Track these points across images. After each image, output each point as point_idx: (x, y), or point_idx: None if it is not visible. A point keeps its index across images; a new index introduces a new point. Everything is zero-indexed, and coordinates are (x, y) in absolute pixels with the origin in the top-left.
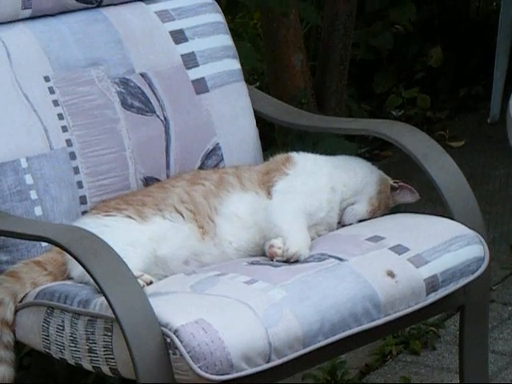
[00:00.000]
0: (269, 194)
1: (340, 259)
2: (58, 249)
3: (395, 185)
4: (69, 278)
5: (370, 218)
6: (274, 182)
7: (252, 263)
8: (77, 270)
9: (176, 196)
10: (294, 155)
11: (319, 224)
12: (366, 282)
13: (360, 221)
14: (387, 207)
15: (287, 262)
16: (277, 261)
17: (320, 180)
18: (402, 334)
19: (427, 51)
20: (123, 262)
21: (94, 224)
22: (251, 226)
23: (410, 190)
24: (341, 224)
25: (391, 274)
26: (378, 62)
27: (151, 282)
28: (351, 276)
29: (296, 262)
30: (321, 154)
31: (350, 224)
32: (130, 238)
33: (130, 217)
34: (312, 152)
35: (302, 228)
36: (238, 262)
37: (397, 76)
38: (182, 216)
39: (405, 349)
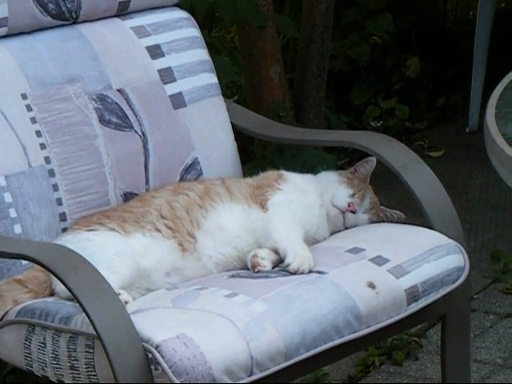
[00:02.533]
0: (262, 207)
1: (320, 272)
2: (39, 266)
3: (352, 169)
4: (50, 295)
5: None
6: (267, 196)
7: (233, 276)
8: (60, 285)
9: (155, 211)
10: (285, 173)
11: (306, 241)
12: (346, 294)
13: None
14: (366, 185)
15: (295, 273)
16: (258, 271)
17: (311, 197)
18: (384, 344)
19: (405, 62)
20: (104, 278)
21: (75, 240)
22: (238, 236)
23: (364, 161)
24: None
25: (372, 286)
26: (356, 73)
27: (126, 303)
28: (332, 288)
29: (301, 273)
30: (300, 166)
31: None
32: (116, 248)
33: (113, 229)
34: (292, 164)
35: (301, 240)
36: (219, 276)
37: (375, 87)
38: (162, 234)
39: (387, 359)
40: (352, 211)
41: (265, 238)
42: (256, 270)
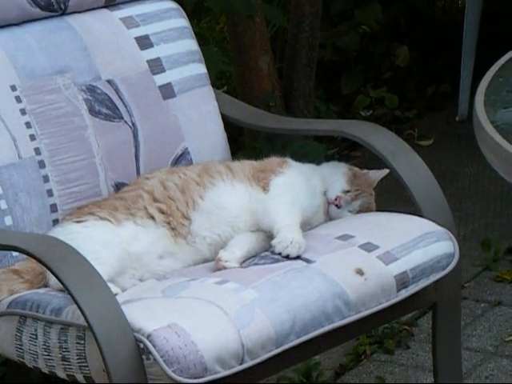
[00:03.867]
0: (264, 189)
1: (308, 261)
2: None
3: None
4: (46, 286)
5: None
6: (270, 179)
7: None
8: (54, 278)
9: (147, 194)
10: (289, 160)
11: (303, 226)
12: (333, 281)
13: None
14: (369, 188)
15: (280, 255)
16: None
17: (314, 183)
18: (375, 333)
19: (394, 51)
20: (94, 268)
21: (65, 231)
22: (237, 216)
23: (377, 169)
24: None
25: (360, 272)
26: (345, 62)
27: (115, 295)
28: (319, 276)
29: (287, 257)
30: (291, 156)
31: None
32: (103, 238)
33: (103, 218)
34: (282, 154)
35: (296, 223)
36: (208, 268)
37: (364, 76)
38: (154, 219)
39: (379, 348)
40: (336, 205)
41: (262, 216)
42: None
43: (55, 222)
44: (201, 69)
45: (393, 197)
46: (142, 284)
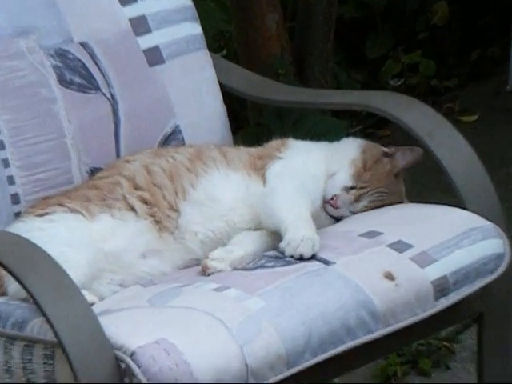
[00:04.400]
0: (263, 180)
1: (326, 262)
2: None
3: (389, 150)
4: (3, 294)
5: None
6: (266, 167)
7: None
8: (13, 285)
9: (127, 181)
10: (290, 140)
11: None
12: (357, 287)
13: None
14: (386, 179)
15: (292, 257)
16: (209, 274)
17: (318, 161)
18: (408, 351)
19: (430, 6)
20: (65, 272)
21: (26, 228)
22: (232, 210)
23: (408, 149)
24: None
25: (390, 277)
26: (371, 20)
27: (92, 304)
28: (340, 280)
29: (301, 258)
30: (304, 134)
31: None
32: (70, 236)
33: (74, 211)
34: (293, 133)
35: (305, 214)
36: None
37: (394, 38)
38: (135, 211)
39: (412, 369)
40: (332, 206)
41: (265, 215)
42: (207, 273)
43: (17, 215)
44: (195, 29)
45: (429, 185)
46: (124, 291)
